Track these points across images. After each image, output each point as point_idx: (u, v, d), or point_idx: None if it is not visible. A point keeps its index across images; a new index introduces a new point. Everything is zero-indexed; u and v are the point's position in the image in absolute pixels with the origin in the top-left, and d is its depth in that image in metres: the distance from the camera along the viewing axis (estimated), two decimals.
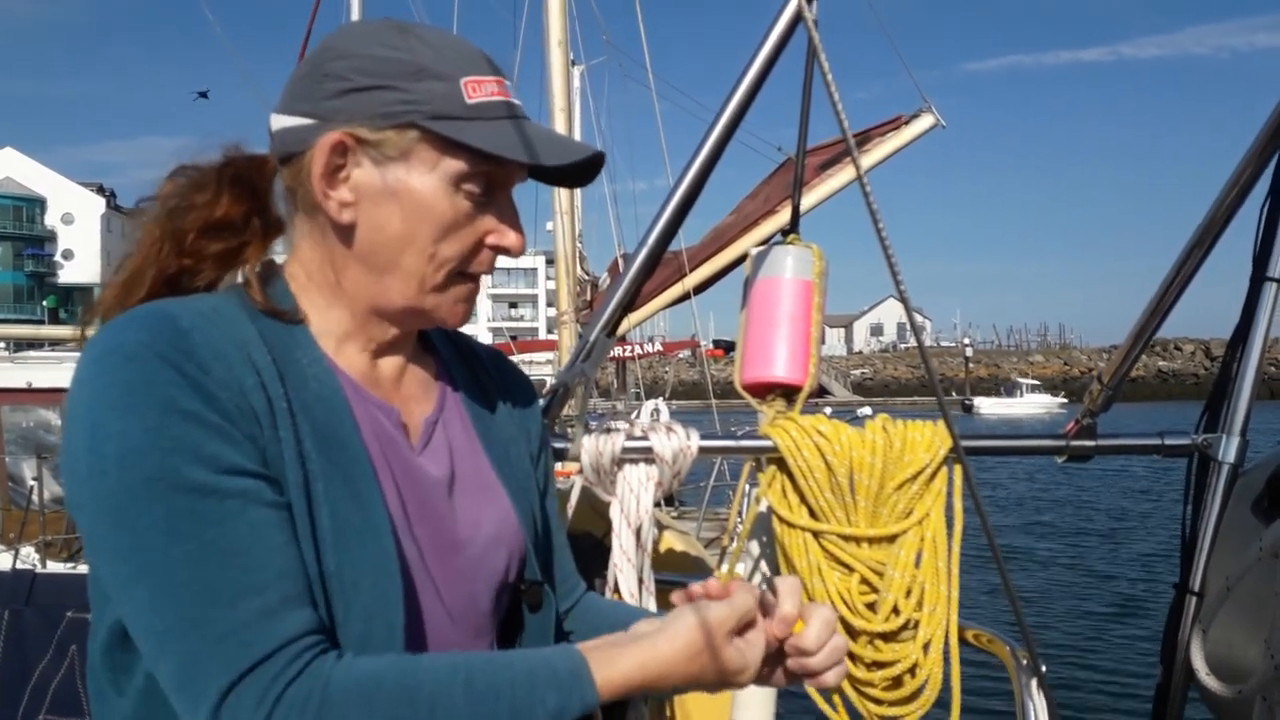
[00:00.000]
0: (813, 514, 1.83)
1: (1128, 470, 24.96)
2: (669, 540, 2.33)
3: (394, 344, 1.13)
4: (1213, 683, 1.80)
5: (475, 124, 1.03)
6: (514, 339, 31.39)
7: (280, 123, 1.06)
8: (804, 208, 2.13)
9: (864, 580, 1.80)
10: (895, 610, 1.78)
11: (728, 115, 1.83)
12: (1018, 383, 75.38)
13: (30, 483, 7.40)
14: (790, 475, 1.84)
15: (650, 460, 1.82)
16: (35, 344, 11.43)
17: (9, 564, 6.76)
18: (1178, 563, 1.96)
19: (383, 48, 1.03)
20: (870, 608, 1.80)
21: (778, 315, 1.96)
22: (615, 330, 1.90)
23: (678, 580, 2.16)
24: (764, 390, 1.98)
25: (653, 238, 1.84)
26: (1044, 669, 1.81)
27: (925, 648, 1.79)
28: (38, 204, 74.40)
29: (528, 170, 1.10)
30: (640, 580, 1.79)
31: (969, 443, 1.88)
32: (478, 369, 1.27)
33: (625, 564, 1.78)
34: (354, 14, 15.86)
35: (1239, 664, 1.77)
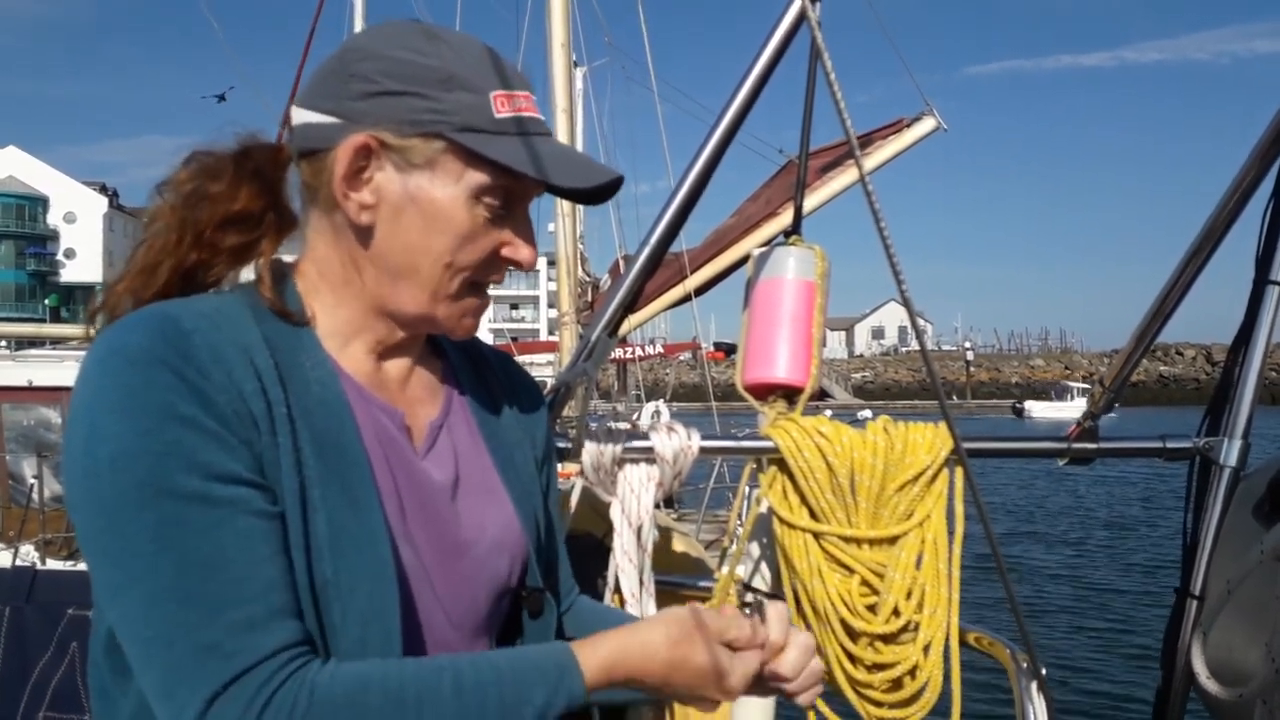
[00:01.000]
0: (813, 515, 1.83)
1: (1126, 477, 24.95)
2: (669, 541, 2.33)
3: (401, 346, 1.12)
4: (1213, 686, 1.80)
5: (501, 139, 1.02)
6: (515, 340, 31.38)
7: (302, 117, 1.05)
8: (805, 210, 2.13)
9: (864, 582, 1.80)
10: (896, 612, 1.78)
11: (730, 117, 1.83)
12: (1068, 386, 72.60)
13: (31, 481, 7.41)
14: (791, 476, 1.84)
15: (651, 460, 1.82)
16: (37, 342, 11.44)
17: (9, 562, 6.77)
18: (1178, 567, 1.96)
19: (412, 53, 1.02)
20: (871, 609, 1.80)
21: (779, 316, 1.96)
22: (617, 330, 1.90)
23: (678, 582, 2.16)
24: (765, 391, 1.98)
25: (654, 239, 1.84)
26: (1044, 671, 1.81)
27: (926, 650, 1.79)
28: (40, 203, 74.41)
29: (545, 185, 1.09)
30: (641, 581, 1.79)
31: (970, 444, 1.88)
32: (485, 372, 1.27)
33: (627, 564, 1.78)
34: (357, 14, 15.87)
35: (1239, 667, 1.77)
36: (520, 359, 1.51)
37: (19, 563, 6.73)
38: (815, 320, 1.98)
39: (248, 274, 1.10)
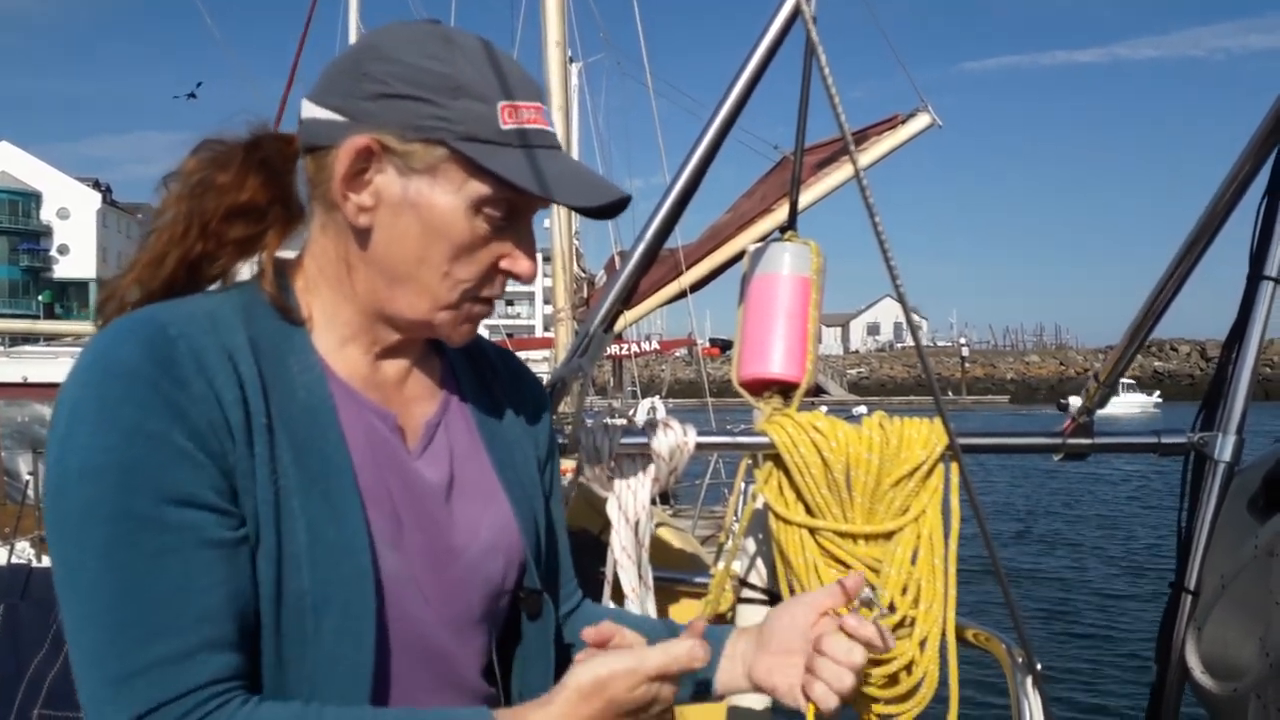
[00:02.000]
0: (809, 510, 1.83)
1: (1122, 471, 25.00)
2: (665, 537, 2.33)
3: (399, 347, 1.11)
4: (1207, 681, 1.80)
5: (505, 151, 1.00)
6: (510, 336, 31.36)
7: (311, 111, 1.04)
8: (800, 205, 2.13)
9: None
10: (891, 607, 1.78)
11: (725, 112, 1.82)
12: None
13: (26, 477, 7.41)
14: (787, 472, 1.84)
15: (647, 456, 1.82)
16: (31, 339, 11.42)
17: (4, 559, 6.75)
18: (1173, 562, 1.96)
19: (426, 57, 1.00)
20: (866, 605, 1.80)
21: (775, 312, 1.96)
22: (612, 326, 1.90)
23: (674, 577, 2.16)
24: (761, 387, 1.98)
25: (649, 235, 1.84)
26: (1039, 667, 1.81)
27: (922, 645, 1.79)
28: (33, 198, 74.22)
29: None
30: (640, 576, 1.79)
31: (965, 440, 1.88)
32: (485, 370, 1.26)
33: (625, 560, 1.78)
34: (351, 12, 15.84)
35: (1234, 662, 1.77)
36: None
37: (14, 560, 6.72)
38: (811, 316, 1.98)
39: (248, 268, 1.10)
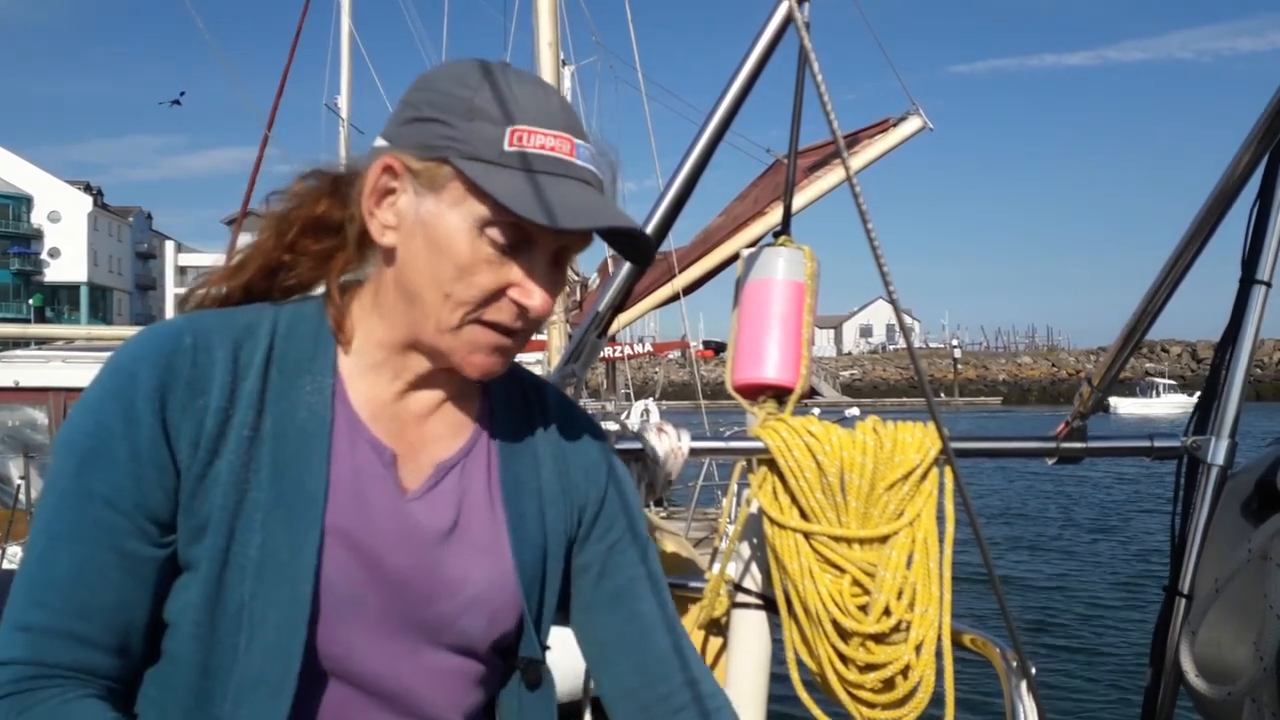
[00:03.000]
0: (804, 515, 1.83)
1: (1115, 472, 25.05)
2: (660, 541, 2.33)
3: (431, 379, 1.11)
4: (1202, 684, 1.80)
5: (504, 172, 0.99)
6: None
7: (374, 143, 1.09)
8: (792, 209, 2.13)
9: (855, 581, 1.80)
10: (887, 612, 1.78)
11: (718, 117, 1.83)
12: (1154, 382, 70.85)
13: (18, 481, 7.36)
14: (781, 476, 1.84)
15: (641, 460, 1.82)
16: (22, 343, 11.36)
17: None
18: (1166, 565, 1.97)
19: (456, 84, 1.03)
20: (862, 609, 1.80)
21: (769, 317, 1.96)
22: (606, 331, 1.89)
23: (671, 582, 2.15)
24: (755, 391, 1.98)
25: None
26: (1034, 671, 1.81)
27: (917, 649, 1.79)
28: (24, 202, 74.01)
29: (586, 234, 1.05)
30: None
31: (959, 444, 1.88)
32: (535, 418, 1.22)
33: None
34: (344, 15, 15.82)
35: (1228, 665, 1.77)
36: None
37: (6, 565, 6.68)
38: (805, 321, 1.97)
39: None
